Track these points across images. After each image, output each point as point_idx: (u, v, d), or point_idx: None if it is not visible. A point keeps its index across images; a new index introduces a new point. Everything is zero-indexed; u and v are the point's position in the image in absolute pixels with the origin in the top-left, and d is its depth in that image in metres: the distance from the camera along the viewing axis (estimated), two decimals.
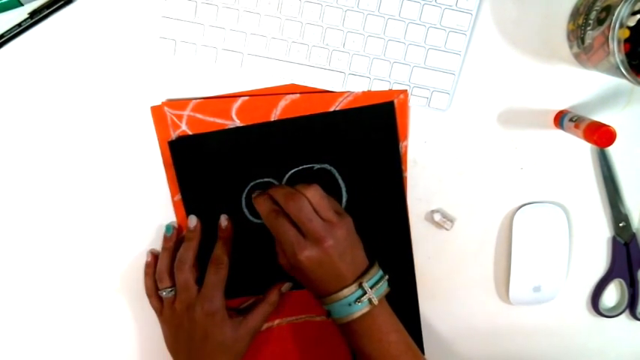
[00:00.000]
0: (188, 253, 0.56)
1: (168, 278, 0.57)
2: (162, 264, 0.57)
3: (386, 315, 0.53)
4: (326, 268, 0.51)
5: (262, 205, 0.54)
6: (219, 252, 0.57)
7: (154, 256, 0.59)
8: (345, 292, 0.51)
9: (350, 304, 0.51)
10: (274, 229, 0.53)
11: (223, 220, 0.58)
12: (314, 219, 0.51)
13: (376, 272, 0.53)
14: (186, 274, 0.55)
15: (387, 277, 0.54)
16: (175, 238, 0.58)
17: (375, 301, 0.51)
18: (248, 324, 0.57)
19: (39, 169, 0.58)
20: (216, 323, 0.55)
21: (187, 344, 0.55)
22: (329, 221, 0.52)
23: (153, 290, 0.58)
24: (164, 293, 0.57)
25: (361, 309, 0.51)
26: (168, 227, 0.58)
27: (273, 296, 0.58)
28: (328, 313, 0.54)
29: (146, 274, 0.59)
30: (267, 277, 0.59)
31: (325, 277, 0.52)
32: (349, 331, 0.53)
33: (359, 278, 0.52)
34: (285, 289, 0.59)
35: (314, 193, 0.52)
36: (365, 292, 0.51)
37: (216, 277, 0.56)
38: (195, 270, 0.56)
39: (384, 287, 0.53)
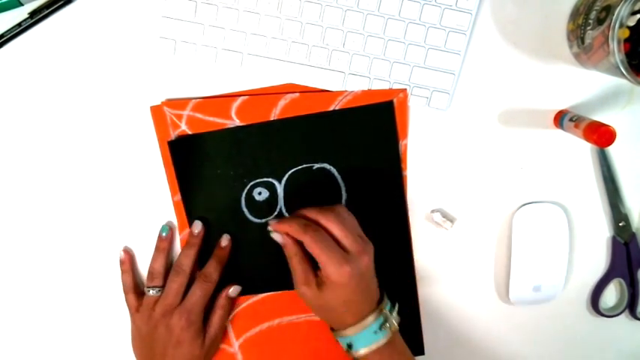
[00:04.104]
0: (188, 260, 0.56)
1: (161, 279, 0.56)
2: (157, 263, 0.57)
3: (402, 344, 0.53)
4: (363, 286, 0.50)
5: (294, 223, 0.51)
6: (211, 269, 0.56)
7: (128, 254, 0.58)
8: (371, 318, 0.51)
9: (375, 332, 0.50)
10: (316, 244, 0.49)
11: (224, 240, 0.58)
12: (350, 235, 0.50)
13: (387, 300, 0.54)
14: (181, 281, 0.55)
15: (397, 304, 0.54)
16: (171, 239, 0.58)
17: (395, 328, 0.51)
18: (210, 334, 0.56)
19: (39, 169, 0.58)
20: (191, 335, 0.55)
21: (159, 349, 0.55)
22: (361, 238, 0.52)
23: (131, 287, 0.57)
24: (151, 291, 0.56)
25: (386, 336, 0.51)
26: (164, 227, 0.58)
27: (222, 300, 0.58)
28: (349, 346, 0.52)
29: (123, 271, 0.58)
30: (266, 277, 0.59)
31: (360, 297, 0.51)
32: None
33: (379, 304, 0.52)
34: (232, 293, 0.58)
35: (342, 210, 0.52)
36: (386, 319, 0.51)
37: (202, 292, 0.55)
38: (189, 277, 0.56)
39: (396, 314, 0.53)
